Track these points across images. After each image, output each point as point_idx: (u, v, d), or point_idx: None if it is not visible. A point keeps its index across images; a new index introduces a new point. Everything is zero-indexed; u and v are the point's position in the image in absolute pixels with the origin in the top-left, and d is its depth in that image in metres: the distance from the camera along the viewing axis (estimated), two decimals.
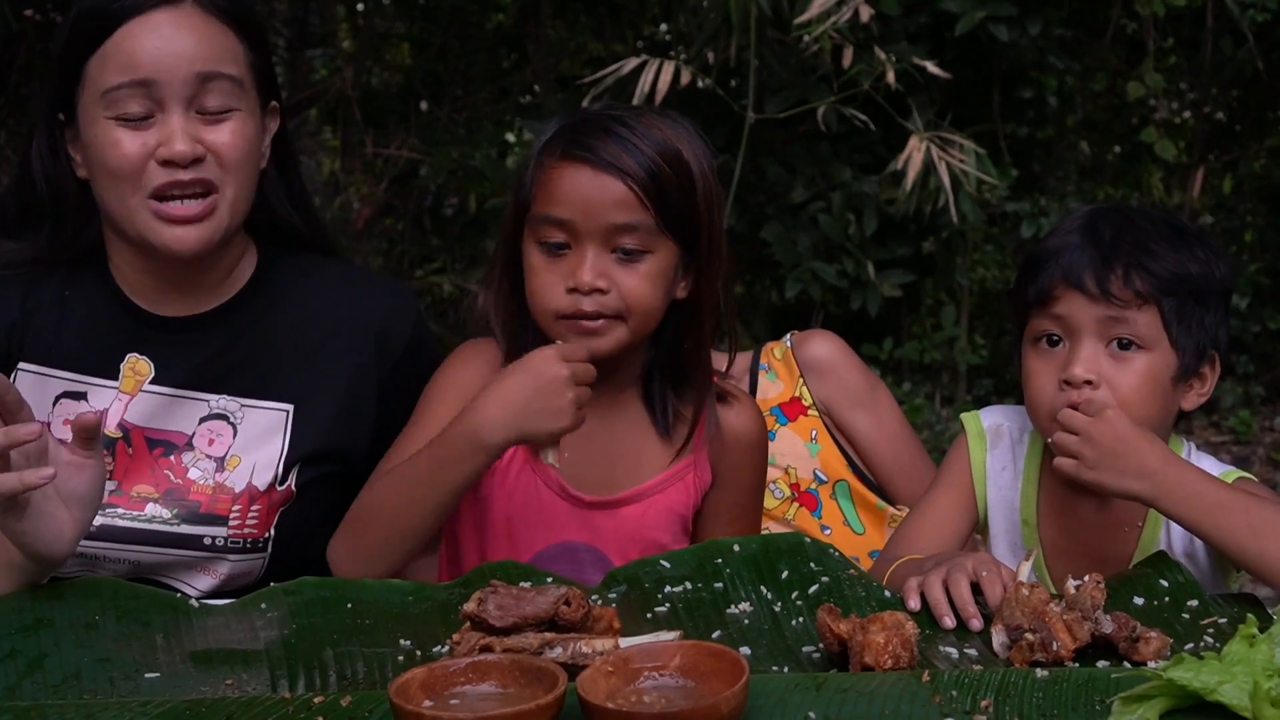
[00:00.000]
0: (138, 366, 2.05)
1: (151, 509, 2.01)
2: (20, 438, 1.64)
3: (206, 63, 1.93)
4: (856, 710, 1.47)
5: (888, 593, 1.80)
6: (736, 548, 1.85)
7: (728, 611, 1.75)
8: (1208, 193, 6.37)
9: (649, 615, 1.74)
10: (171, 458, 2.03)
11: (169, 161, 1.91)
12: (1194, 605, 1.75)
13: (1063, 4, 5.36)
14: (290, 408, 2.06)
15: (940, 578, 1.75)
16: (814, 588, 1.78)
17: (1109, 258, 1.91)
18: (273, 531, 2.04)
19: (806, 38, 4.27)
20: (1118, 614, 1.62)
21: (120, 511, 2.00)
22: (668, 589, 1.79)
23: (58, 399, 2.03)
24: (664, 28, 6.21)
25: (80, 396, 2.03)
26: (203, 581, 2.02)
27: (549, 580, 1.78)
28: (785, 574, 1.81)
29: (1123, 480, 1.84)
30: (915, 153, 4.27)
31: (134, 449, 2.03)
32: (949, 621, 1.71)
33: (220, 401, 2.05)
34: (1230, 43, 5.80)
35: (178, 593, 1.91)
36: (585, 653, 1.54)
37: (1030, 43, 5.13)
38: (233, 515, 2.02)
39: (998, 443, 2.08)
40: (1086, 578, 1.66)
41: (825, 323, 5.03)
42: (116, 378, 2.04)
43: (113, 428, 2.03)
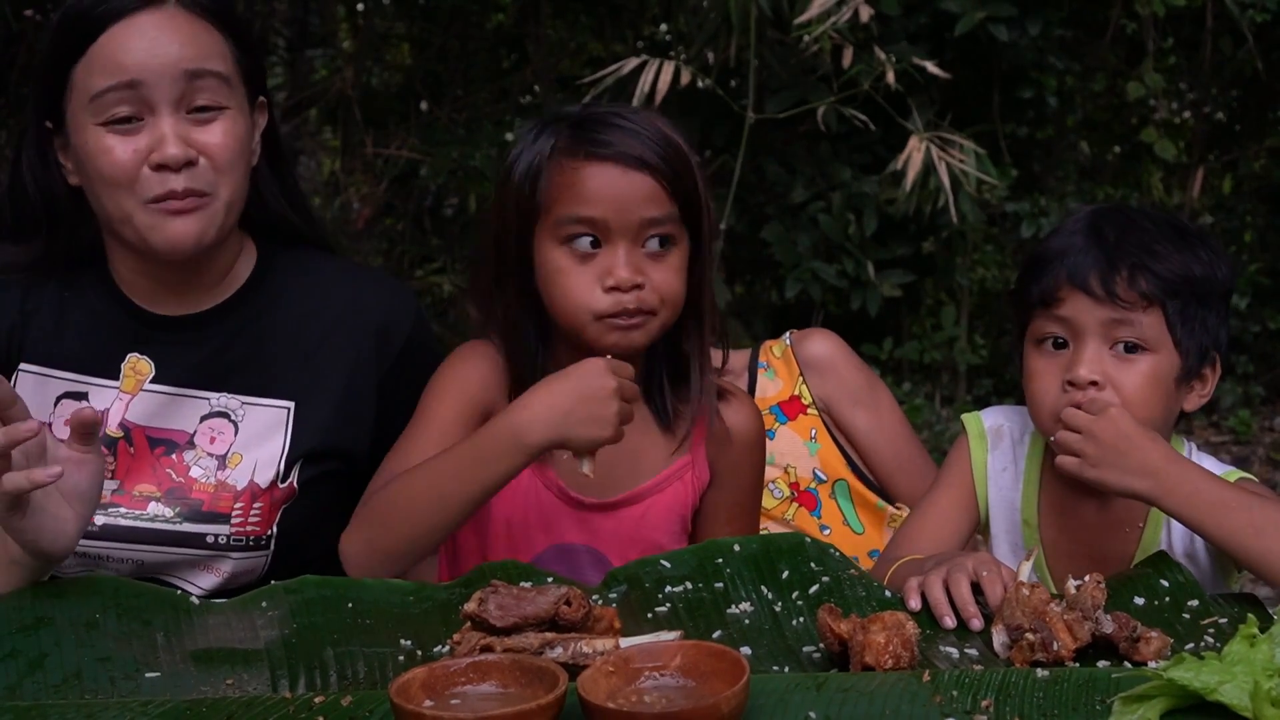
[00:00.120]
0: (138, 366, 2.05)
1: (154, 508, 2.01)
2: (20, 436, 1.64)
3: (193, 61, 1.92)
4: (857, 710, 1.47)
5: (888, 593, 1.79)
6: (737, 548, 1.85)
7: (728, 611, 1.75)
8: (1207, 193, 6.38)
9: (649, 615, 1.74)
10: (173, 456, 2.03)
11: (162, 165, 1.91)
12: (1194, 605, 1.75)
13: (1063, 4, 5.36)
14: (291, 405, 2.06)
15: (941, 578, 1.75)
16: (814, 588, 1.78)
17: (1114, 259, 1.91)
18: (275, 529, 2.04)
19: (806, 38, 4.27)
20: (1118, 614, 1.62)
21: (123, 511, 2.00)
22: (668, 589, 1.79)
23: (59, 399, 2.03)
24: (664, 28, 6.21)
25: (81, 397, 2.03)
26: (206, 580, 2.03)
27: (549, 580, 1.78)
28: (786, 574, 1.81)
29: (1125, 478, 1.84)
30: (915, 153, 4.27)
31: (135, 448, 2.03)
32: (949, 621, 1.70)
33: (221, 400, 2.05)
34: (1230, 43, 5.80)
35: (181, 591, 1.91)
36: (586, 653, 1.54)
37: (1030, 43, 5.13)
38: (235, 513, 2.02)
39: (999, 443, 2.08)
40: (1087, 578, 1.66)
41: (825, 323, 5.03)
42: (117, 377, 2.04)
43: (114, 427, 2.03)
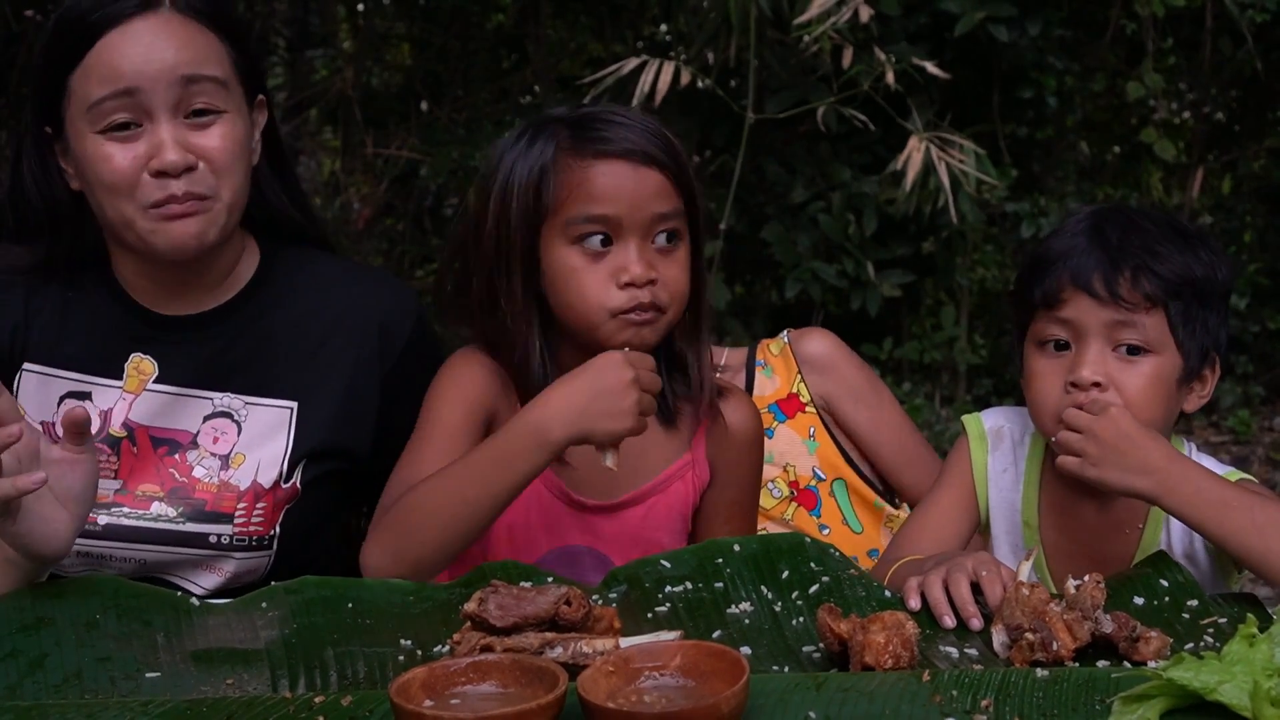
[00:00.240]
0: (141, 366, 2.05)
1: (157, 508, 2.01)
2: (2, 441, 1.61)
3: (189, 66, 1.92)
4: (857, 710, 1.47)
5: (888, 592, 1.79)
6: (737, 548, 1.85)
7: (728, 611, 1.75)
8: (1207, 193, 6.38)
9: (649, 615, 1.74)
10: (176, 456, 2.03)
11: (161, 172, 1.91)
12: (1194, 605, 1.75)
13: (1062, 4, 5.36)
14: (294, 404, 2.06)
15: (940, 577, 1.75)
16: (814, 587, 1.78)
17: (1117, 260, 1.90)
18: (278, 529, 2.04)
19: (806, 38, 4.27)
20: (1118, 614, 1.62)
21: (126, 510, 2.01)
22: (668, 589, 1.79)
23: (62, 399, 2.03)
24: (664, 28, 6.21)
25: (84, 397, 2.03)
26: (209, 580, 2.03)
27: (550, 580, 1.78)
28: (786, 574, 1.81)
29: (1126, 477, 1.84)
30: (915, 153, 4.27)
31: (139, 448, 2.03)
32: (949, 621, 1.70)
33: (224, 399, 2.05)
34: (1229, 43, 5.80)
35: (183, 591, 1.91)
36: (586, 652, 1.54)
37: (1030, 43, 5.13)
38: (238, 513, 2.02)
39: (999, 444, 2.08)
40: (1087, 577, 1.66)
41: (825, 323, 5.02)
42: (120, 377, 2.04)
43: (117, 427, 2.03)
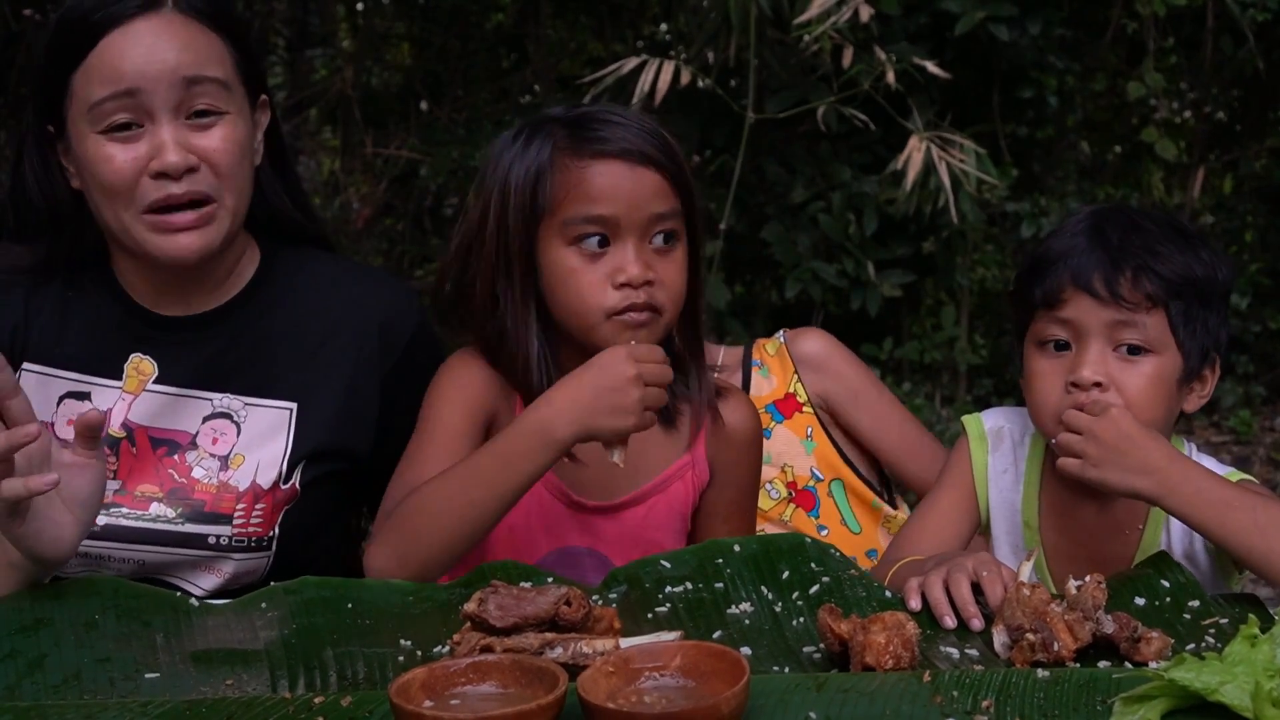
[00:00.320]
0: (141, 366, 2.04)
1: (156, 508, 2.01)
2: (20, 440, 1.63)
3: (191, 67, 1.92)
4: (857, 710, 1.46)
5: (889, 593, 1.79)
6: (737, 548, 1.85)
7: (728, 612, 1.75)
8: (1208, 193, 6.38)
9: (649, 615, 1.74)
10: (175, 457, 2.03)
11: (162, 174, 1.90)
12: (1195, 605, 1.75)
13: (1063, 4, 5.36)
14: (294, 405, 2.05)
15: (941, 578, 1.75)
16: (815, 588, 1.78)
17: (1118, 260, 1.90)
18: (277, 530, 2.03)
19: (806, 38, 4.27)
20: (1119, 614, 1.62)
21: (125, 511, 2.00)
22: (668, 589, 1.79)
23: (61, 399, 2.03)
24: (664, 28, 6.21)
25: (84, 397, 2.03)
26: (208, 580, 2.02)
27: (549, 580, 1.78)
28: (786, 574, 1.81)
29: (1127, 478, 1.84)
30: (915, 153, 4.27)
31: (138, 448, 2.03)
32: (950, 621, 1.70)
33: (224, 400, 2.05)
34: (1231, 42, 5.80)
35: (182, 592, 1.91)
36: (586, 653, 1.54)
37: (1030, 43, 5.13)
38: (237, 514, 2.02)
39: (999, 445, 2.08)
40: (1088, 578, 1.65)
41: (825, 323, 5.02)
42: (120, 378, 2.04)
43: (116, 427, 2.02)
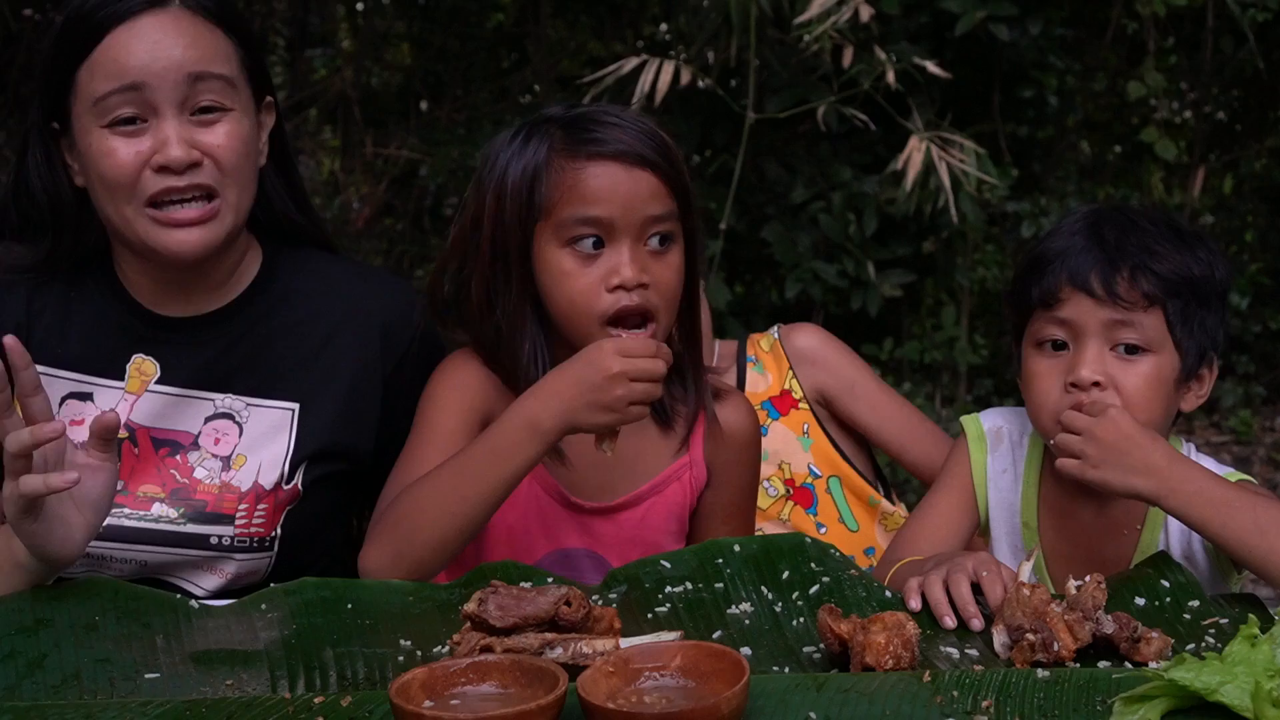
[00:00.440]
0: (143, 367, 2.04)
1: (158, 509, 2.01)
2: (45, 436, 1.64)
3: (197, 64, 1.92)
4: (857, 710, 1.46)
5: (889, 593, 1.79)
6: (737, 548, 1.85)
7: (728, 612, 1.75)
8: (1208, 193, 6.38)
9: (649, 615, 1.74)
10: (178, 457, 2.03)
11: (164, 168, 1.90)
12: (1195, 605, 1.75)
13: (1063, 4, 5.36)
14: (296, 406, 2.05)
15: (941, 578, 1.75)
16: (815, 588, 1.78)
17: (1115, 260, 1.90)
18: (279, 530, 2.03)
19: (806, 37, 4.27)
20: (1119, 614, 1.62)
21: (127, 511, 2.00)
22: (668, 589, 1.79)
23: (64, 400, 2.03)
24: (664, 28, 6.22)
25: (86, 397, 2.03)
26: (209, 581, 2.02)
27: (549, 580, 1.78)
28: (786, 574, 1.81)
29: (1127, 478, 1.84)
30: (915, 153, 4.27)
31: (140, 449, 2.03)
32: (950, 621, 1.70)
33: (226, 401, 2.05)
34: (1231, 42, 5.81)
35: (184, 593, 1.91)
36: (586, 653, 1.54)
37: (1030, 42, 5.13)
38: (239, 514, 2.02)
39: (998, 445, 2.08)
40: (1088, 578, 1.66)
41: (825, 322, 5.02)
42: (122, 378, 2.04)
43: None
